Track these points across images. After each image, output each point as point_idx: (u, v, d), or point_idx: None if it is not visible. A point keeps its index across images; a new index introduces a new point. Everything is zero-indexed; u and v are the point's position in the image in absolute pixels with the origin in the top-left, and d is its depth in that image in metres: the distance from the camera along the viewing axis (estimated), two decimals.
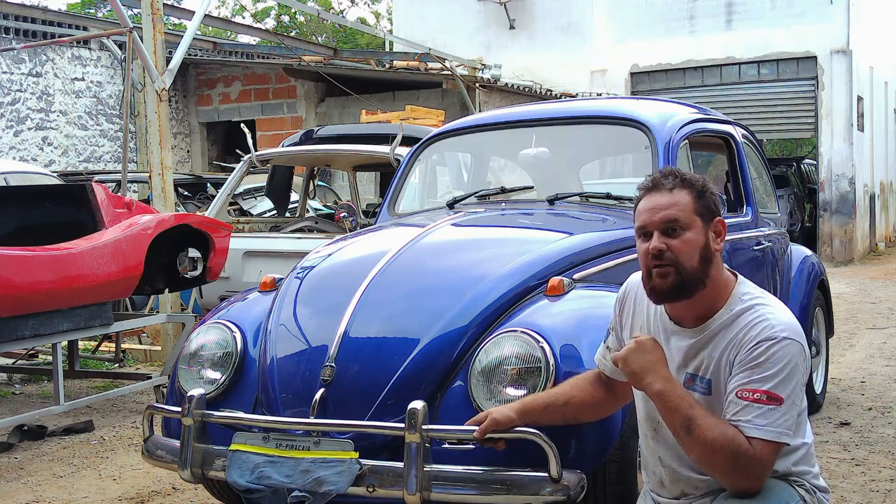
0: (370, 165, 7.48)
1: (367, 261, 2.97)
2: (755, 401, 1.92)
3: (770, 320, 1.99)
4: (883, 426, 4.75)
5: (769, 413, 1.91)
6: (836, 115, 15.42)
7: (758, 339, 1.97)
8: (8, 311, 4.18)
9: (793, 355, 1.95)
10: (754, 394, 1.92)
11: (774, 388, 1.92)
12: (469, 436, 2.29)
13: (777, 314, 2.02)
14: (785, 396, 1.92)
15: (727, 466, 1.92)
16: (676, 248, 2.03)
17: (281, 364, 2.74)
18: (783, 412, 1.92)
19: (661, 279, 2.04)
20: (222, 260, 5.36)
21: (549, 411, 2.29)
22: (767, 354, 1.94)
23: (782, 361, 1.93)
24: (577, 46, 17.05)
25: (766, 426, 1.90)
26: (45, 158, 13.60)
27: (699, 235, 2.04)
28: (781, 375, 1.93)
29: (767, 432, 1.90)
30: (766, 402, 1.91)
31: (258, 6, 31.35)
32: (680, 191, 2.06)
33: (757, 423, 1.91)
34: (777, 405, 1.91)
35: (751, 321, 2.01)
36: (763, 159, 5.10)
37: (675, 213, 2.04)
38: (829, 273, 5.85)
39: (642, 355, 2.04)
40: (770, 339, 1.95)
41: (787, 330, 1.97)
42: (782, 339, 1.95)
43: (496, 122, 4.45)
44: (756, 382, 1.93)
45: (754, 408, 1.92)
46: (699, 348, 2.08)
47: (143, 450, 2.86)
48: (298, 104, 15.06)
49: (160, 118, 6.52)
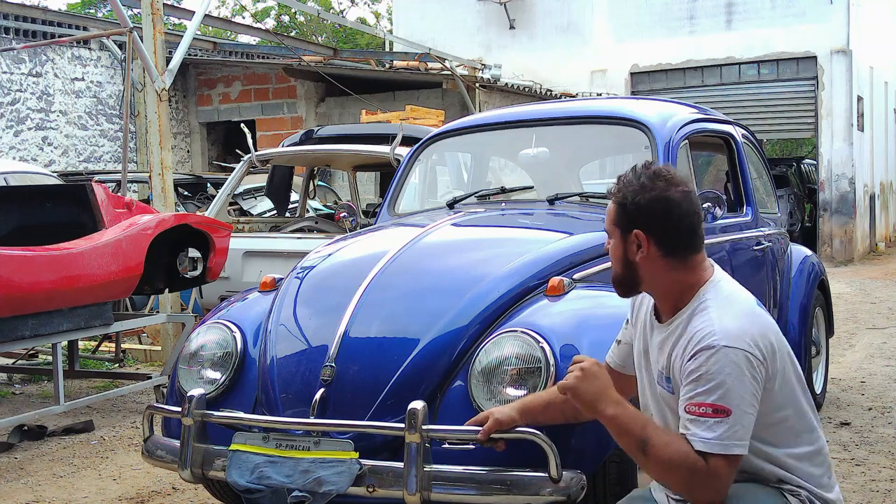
0: (370, 165, 7.48)
1: (367, 261, 2.97)
2: (702, 415, 1.90)
3: (711, 328, 1.95)
4: (883, 426, 4.75)
5: (716, 426, 1.88)
6: (836, 115, 15.42)
7: (696, 350, 1.94)
8: (8, 311, 4.17)
9: (734, 364, 1.89)
10: (700, 407, 1.90)
11: (719, 399, 1.88)
12: (472, 436, 2.29)
13: (722, 320, 1.97)
14: (732, 407, 1.88)
15: (685, 483, 1.91)
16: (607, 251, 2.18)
17: (281, 364, 2.74)
18: (731, 424, 1.88)
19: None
20: (222, 260, 5.36)
21: (550, 410, 2.29)
22: (707, 366, 1.91)
23: (723, 372, 1.89)
24: (577, 46, 17.05)
25: (713, 440, 1.88)
26: (45, 158, 13.60)
27: (618, 245, 2.12)
28: (725, 387, 1.88)
29: (714, 446, 1.87)
30: (713, 416, 1.88)
31: (258, 6, 31.37)
32: (614, 199, 2.13)
33: (704, 436, 1.88)
34: (724, 417, 1.88)
35: (695, 328, 1.99)
36: (763, 159, 5.10)
37: (606, 220, 2.16)
38: (829, 273, 5.85)
39: (590, 383, 2.03)
40: (708, 349, 1.92)
41: (725, 338, 1.92)
42: (721, 349, 1.91)
43: (496, 122, 4.45)
44: (700, 395, 1.91)
45: (701, 422, 1.89)
46: (664, 345, 2.09)
47: (143, 450, 2.86)
48: (298, 104, 15.06)
49: (160, 118, 6.53)
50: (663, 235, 2.06)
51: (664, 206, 2.05)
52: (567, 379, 2.06)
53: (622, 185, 2.10)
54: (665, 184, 2.06)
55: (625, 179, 2.10)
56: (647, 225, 2.06)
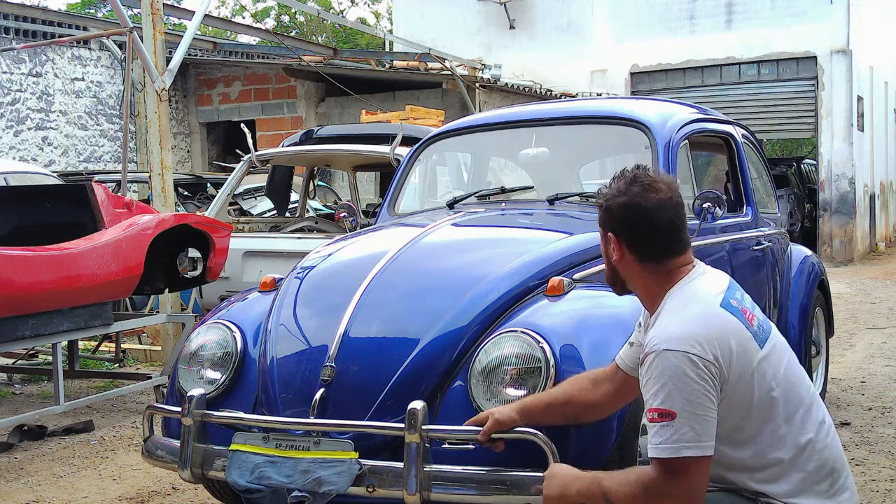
0: (370, 165, 7.48)
1: (367, 261, 2.97)
2: (651, 420, 1.91)
3: (654, 333, 1.97)
4: (883, 426, 4.75)
5: (662, 430, 1.88)
6: (836, 115, 15.42)
7: (643, 356, 1.97)
8: (8, 311, 4.17)
9: (674, 366, 1.88)
10: (650, 412, 1.91)
11: (662, 403, 1.88)
12: (472, 436, 2.29)
13: (668, 325, 1.97)
14: (677, 410, 1.87)
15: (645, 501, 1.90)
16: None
17: (281, 364, 2.74)
18: (678, 426, 1.86)
19: None
20: (222, 260, 5.36)
21: (550, 411, 2.29)
22: (651, 370, 1.92)
23: (665, 375, 1.89)
24: (577, 46, 17.05)
25: (661, 444, 1.87)
26: (45, 158, 13.60)
27: (604, 248, 2.20)
28: (667, 389, 1.88)
29: (663, 450, 1.87)
30: (659, 420, 1.89)
31: (258, 6, 31.37)
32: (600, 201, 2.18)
33: (654, 441, 1.89)
34: (669, 420, 1.87)
35: (649, 334, 2.01)
36: (763, 159, 5.10)
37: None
38: (829, 273, 5.85)
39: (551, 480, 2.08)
40: (650, 353, 1.94)
41: (666, 342, 1.92)
42: (661, 353, 1.91)
43: (496, 122, 4.45)
44: (648, 401, 1.93)
45: (652, 427, 1.90)
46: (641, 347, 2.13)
47: (143, 450, 2.86)
48: (298, 104, 15.06)
49: (160, 118, 6.53)
50: (633, 240, 2.09)
51: (633, 213, 2.07)
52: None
53: (605, 188, 2.16)
54: (640, 189, 2.06)
55: (611, 181, 2.15)
56: (619, 229, 2.11)
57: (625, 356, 2.33)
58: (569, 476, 2.06)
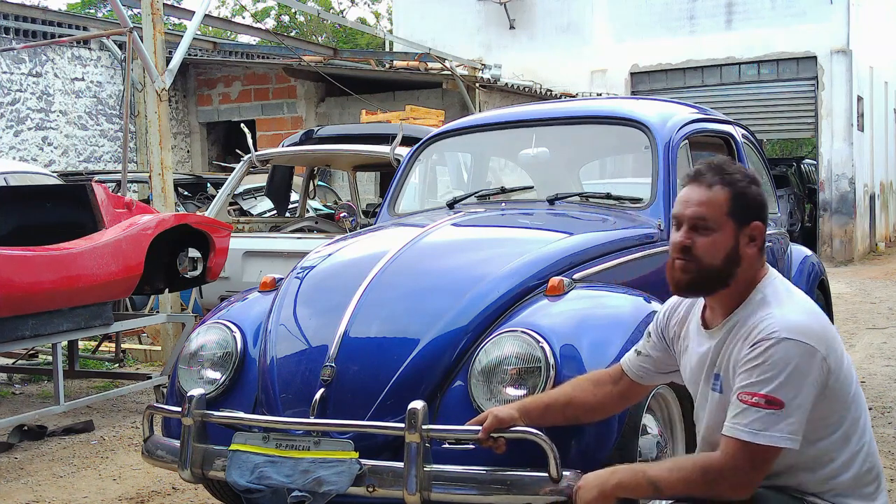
0: (370, 165, 7.48)
1: (367, 261, 2.97)
2: (754, 405, 1.86)
3: (775, 319, 1.92)
4: (883, 426, 4.75)
5: (767, 418, 1.85)
6: (836, 115, 15.42)
7: (759, 339, 1.90)
8: (8, 311, 4.17)
9: (795, 357, 1.86)
10: (753, 397, 1.87)
11: (774, 391, 1.85)
12: (472, 435, 2.29)
13: (786, 314, 1.93)
14: (787, 400, 1.84)
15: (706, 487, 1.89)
16: (699, 246, 2.01)
17: (281, 364, 2.74)
18: (783, 417, 1.84)
19: (681, 272, 2.04)
20: (222, 260, 5.35)
21: (550, 412, 2.29)
22: (766, 355, 1.87)
23: (782, 364, 1.86)
24: (577, 46, 17.05)
25: (761, 431, 1.85)
26: (45, 158, 13.60)
27: (727, 238, 2.00)
28: (780, 378, 1.85)
29: (761, 437, 1.85)
30: (766, 407, 1.85)
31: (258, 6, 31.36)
32: (719, 188, 2.01)
33: (754, 427, 1.85)
34: (776, 409, 1.84)
35: (758, 319, 1.95)
36: (763, 159, 5.10)
37: (704, 211, 2.01)
38: (829, 273, 5.85)
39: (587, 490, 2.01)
40: (768, 339, 1.88)
41: (789, 330, 1.88)
42: (783, 340, 1.87)
43: (496, 122, 4.45)
44: (756, 385, 1.87)
45: (752, 411, 1.86)
46: (721, 345, 2.04)
47: (143, 450, 2.86)
48: (298, 104, 15.06)
49: (160, 118, 6.52)
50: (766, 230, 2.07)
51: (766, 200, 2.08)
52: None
53: (734, 175, 2.02)
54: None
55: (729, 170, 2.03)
56: (763, 217, 2.04)
57: (632, 364, 2.32)
58: (602, 474, 2.01)
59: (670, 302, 2.32)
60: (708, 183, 2.02)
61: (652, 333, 2.31)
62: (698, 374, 2.13)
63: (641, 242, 3.37)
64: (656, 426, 2.75)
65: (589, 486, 2.00)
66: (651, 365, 2.30)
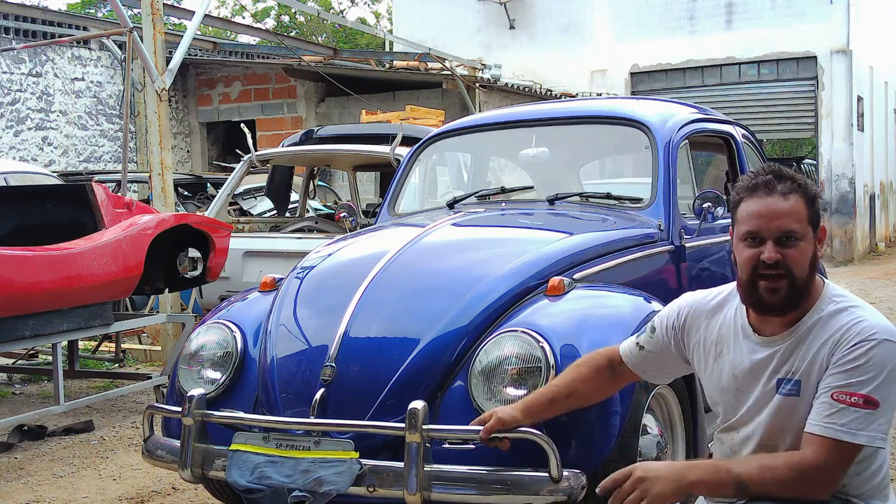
0: (370, 165, 7.48)
1: (367, 261, 2.97)
2: (852, 404, 1.88)
3: (869, 321, 1.94)
4: None
5: (866, 417, 1.87)
6: (836, 115, 15.42)
7: (857, 340, 1.91)
8: (8, 311, 4.17)
9: (893, 358, 1.90)
10: (851, 397, 1.88)
11: (872, 391, 1.88)
12: (473, 436, 2.29)
13: (875, 316, 1.97)
14: (882, 401, 1.88)
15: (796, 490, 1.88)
16: (791, 258, 1.96)
17: (281, 364, 2.74)
18: (877, 416, 1.87)
19: (771, 292, 1.97)
20: (222, 260, 5.35)
21: (554, 406, 2.29)
22: (868, 357, 1.89)
23: (881, 365, 1.89)
24: (577, 46, 17.05)
25: (861, 431, 1.87)
26: (45, 158, 13.59)
27: (810, 244, 1.98)
28: (879, 379, 1.88)
29: (861, 437, 1.87)
30: (863, 406, 1.87)
31: (258, 6, 31.36)
32: (796, 197, 1.97)
33: (852, 427, 1.87)
34: (873, 409, 1.87)
35: (849, 322, 1.95)
36: (763, 159, 5.09)
37: (793, 223, 1.96)
38: (829, 273, 5.84)
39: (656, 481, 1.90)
40: (870, 341, 1.90)
41: (886, 332, 1.92)
42: (883, 342, 1.90)
43: (496, 122, 4.45)
44: (854, 385, 1.89)
45: (850, 411, 1.87)
46: (791, 351, 2.01)
47: (143, 450, 2.87)
48: (298, 104, 15.05)
49: (160, 118, 6.52)
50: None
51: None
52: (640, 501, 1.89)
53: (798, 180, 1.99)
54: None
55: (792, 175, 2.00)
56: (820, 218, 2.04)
57: (633, 356, 2.30)
58: (677, 467, 1.98)
59: (685, 302, 2.26)
60: (784, 192, 1.97)
61: (658, 330, 2.27)
62: (750, 380, 2.08)
63: (641, 242, 3.37)
64: (656, 426, 2.75)
65: (661, 479, 1.90)
66: (655, 361, 2.29)
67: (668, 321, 2.27)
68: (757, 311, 2.05)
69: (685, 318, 2.24)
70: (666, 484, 1.89)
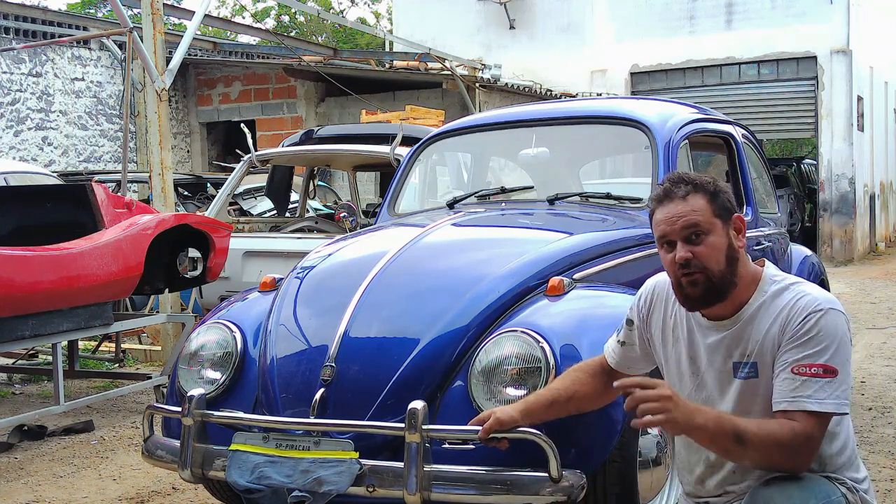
0: (370, 165, 7.48)
1: (367, 261, 2.97)
2: (813, 375, 1.94)
3: (811, 294, 2.02)
4: (883, 426, 4.75)
5: (827, 386, 1.93)
6: (836, 115, 15.42)
7: (805, 314, 1.98)
8: (8, 311, 4.17)
9: (840, 326, 1.97)
10: (811, 368, 1.94)
11: (829, 360, 1.94)
12: (472, 436, 2.29)
13: (815, 289, 2.06)
14: (840, 367, 1.94)
15: (788, 454, 1.93)
16: (702, 254, 2.04)
17: (281, 364, 2.74)
18: (839, 383, 1.93)
19: (692, 287, 2.05)
20: (222, 260, 5.35)
21: (553, 409, 2.29)
22: (818, 328, 1.96)
23: (833, 333, 1.96)
24: (577, 46, 17.05)
25: (826, 399, 1.92)
26: (45, 158, 13.60)
27: (721, 237, 2.06)
28: (833, 347, 1.95)
29: (828, 405, 1.92)
30: (824, 376, 1.93)
31: (258, 6, 31.36)
32: (694, 196, 2.06)
33: (818, 397, 1.92)
34: (833, 377, 1.93)
35: (792, 298, 2.03)
36: (763, 159, 5.10)
37: (695, 220, 2.04)
38: (829, 273, 5.85)
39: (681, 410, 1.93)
40: (817, 312, 1.98)
41: (831, 302, 2.00)
42: (829, 311, 1.98)
43: (496, 122, 4.45)
44: (811, 356, 1.95)
45: (813, 382, 1.93)
46: (741, 335, 2.08)
47: (143, 450, 2.86)
48: (298, 104, 15.06)
49: (160, 118, 6.53)
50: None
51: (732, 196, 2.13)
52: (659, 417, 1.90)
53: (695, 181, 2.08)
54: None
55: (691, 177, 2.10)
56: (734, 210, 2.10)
57: (616, 356, 2.33)
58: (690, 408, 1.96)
59: (649, 287, 2.33)
60: (681, 195, 2.07)
61: (634, 321, 2.32)
62: (706, 364, 2.14)
63: (641, 242, 3.37)
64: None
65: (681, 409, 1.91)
66: (635, 353, 2.32)
67: (636, 309, 2.33)
68: (686, 306, 2.13)
69: (648, 302, 2.30)
70: (682, 415, 1.92)
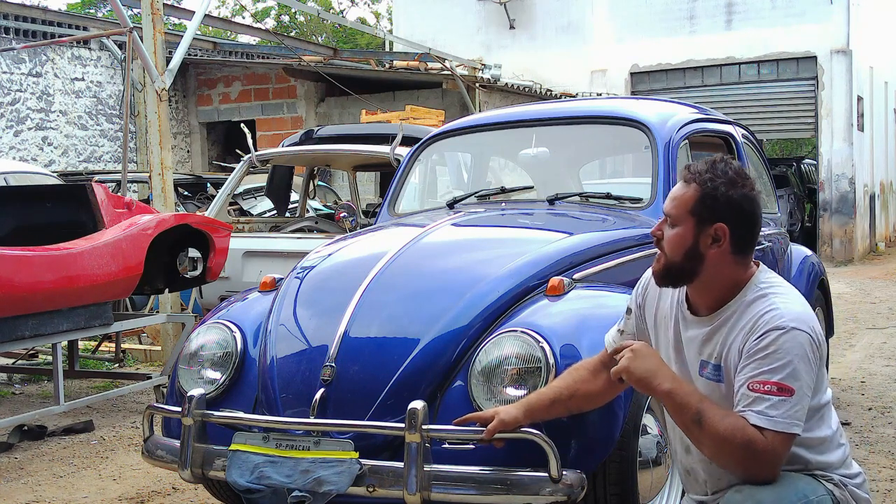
0: (370, 165, 7.48)
1: (367, 261, 2.97)
2: (766, 392, 1.92)
3: (779, 310, 1.99)
4: (883, 426, 4.75)
5: (779, 404, 1.91)
6: (836, 115, 15.43)
7: (766, 329, 1.97)
8: (8, 311, 4.17)
9: (801, 346, 1.94)
10: (765, 385, 1.93)
11: (784, 379, 1.92)
12: (473, 436, 2.30)
13: (789, 304, 2.01)
14: (796, 387, 1.92)
15: (740, 456, 1.93)
16: (666, 239, 2.11)
17: (281, 364, 2.74)
18: (793, 403, 1.92)
19: (656, 262, 2.16)
20: (222, 260, 5.35)
21: (555, 407, 2.30)
22: (777, 345, 1.94)
23: (791, 353, 1.93)
24: (577, 46, 17.05)
25: (776, 417, 1.91)
26: (45, 158, 13.59)
27: (686, 235, 2.07)
28: (791, 367, 1.93)
29: (777, 423, 1.91)
30: (777, 394, 1.92)
31: (258, 6, 31.36)
32: (691, 185, 2.08)
33: (769, 413, 1.91)
34: (788, 396, 1.91)
35: (761, 310, 2.01)
36: (763, 159, 5.10)
37: (670, 206, 2.10)
38: (829, 273, 5.85)
39: (643, 360, 2.06)
40: (778, 329, 1.95)
41: (795, 320, 1.96)
42: (791, 330, 1.95)
43: (496, 122, 4.45)
44: (766, 373, 1.94)
45: (765, 399, 1.92)
46: (712, 335, 2.09)
47: (143, 450, 2.86)
48: (298, 104, 15.05)
49: (160, 118, 6.53)
50: (743, 233, 2.08)
51: (752, 206, 2.08)
52: (620, 363, 2.08)
53: (708, 174, 2.06)
54: (750, 182, 2.08)
55: (710, 169, 2.07)
56: (733, 221, 2.06)
57: (616, 344, 2.32)
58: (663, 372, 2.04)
59: (646, 276, 2.35)
60: (686, 179, 2.10)
61: (633, 309, 2.35)
62: (673, 355, 2.19)
63: (641, 242, 3.36)
64: (656, 426, 2.74)
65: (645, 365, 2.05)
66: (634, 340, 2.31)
67: (635, 297, 2.35)
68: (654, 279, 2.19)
69: (645, 289, 2.33)
70: (643, 371, 2.03)
